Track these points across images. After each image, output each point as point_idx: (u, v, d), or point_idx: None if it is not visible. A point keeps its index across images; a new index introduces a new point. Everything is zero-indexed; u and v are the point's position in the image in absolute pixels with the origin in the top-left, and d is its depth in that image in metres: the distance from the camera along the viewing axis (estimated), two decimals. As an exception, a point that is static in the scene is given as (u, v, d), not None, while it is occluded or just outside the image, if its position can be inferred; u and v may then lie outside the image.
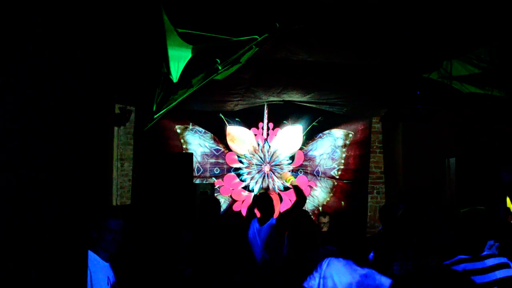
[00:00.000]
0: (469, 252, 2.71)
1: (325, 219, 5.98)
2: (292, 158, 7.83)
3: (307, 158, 7.91)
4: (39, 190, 1.69)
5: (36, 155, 1.69)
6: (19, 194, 1.64)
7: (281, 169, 7.78)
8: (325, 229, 5.89)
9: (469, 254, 2.71)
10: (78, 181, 1.79)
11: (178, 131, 7.53)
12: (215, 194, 6.92)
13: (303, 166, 7.89)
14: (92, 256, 2.66)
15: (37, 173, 1.68)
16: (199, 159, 7.51)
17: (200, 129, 7.62)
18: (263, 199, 5.11)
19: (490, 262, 2.68)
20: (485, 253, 2.74)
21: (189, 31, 3.68)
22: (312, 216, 5.39)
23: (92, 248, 2.69)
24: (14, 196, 1.63)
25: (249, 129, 7.70)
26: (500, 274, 2.64)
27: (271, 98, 7.04)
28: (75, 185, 1.78)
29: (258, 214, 5.17)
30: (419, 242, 3.50)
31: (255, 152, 7.70)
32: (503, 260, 2.73)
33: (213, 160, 7.62)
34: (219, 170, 7.63)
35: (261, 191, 7.21)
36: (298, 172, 7.85)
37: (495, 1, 3.68)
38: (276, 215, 7.57)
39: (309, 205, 7.74)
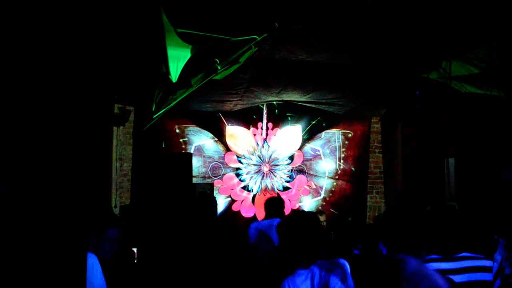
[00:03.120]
0: (444, 251, 2.58)
1: (321, 218, 5.99)
2: (291, 158, 7.83)
3: (306, 158, 7.90)
4: (38, 190, 1.68)
5: (35, 155, 1.68)
6: (18, 194, 1.64)
7: (280, 169, 7.78)
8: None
9: (444, 254, 2.58)
10: (77, 181, 1.79)
11: (177, 131, 7.52)
12: (214, 194, 6.91)
13: (302, 166, 7.88)
14: (91, 259, 2.66)
15: (36, 173, 1.68)
16: (198, 158, 7.50)
17: (200, 129, 7.61)
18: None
19: (467, 264, 2.56)
20: (464, 254, 2.61)
21: (189, 31, 3.68)
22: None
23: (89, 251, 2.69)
24: (12, 196, 1.63)
25: (248, 129, 7.70)
26: (474, 277, 2.51)
27: (271, 98, 7.04)
28: (74, 185, 1.77)
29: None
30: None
31: (255, 152, 7.69)
32: (485, 263, 2.60)
33: (212, 160, 7.61)
34: (218, 170, 7.63)
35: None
36: (297, 172, 7.85)
37: (494, 1, 3.68)
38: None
39: (309, 205, 7.74)
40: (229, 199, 7.61)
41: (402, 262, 1.61)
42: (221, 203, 7.52)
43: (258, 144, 7.71)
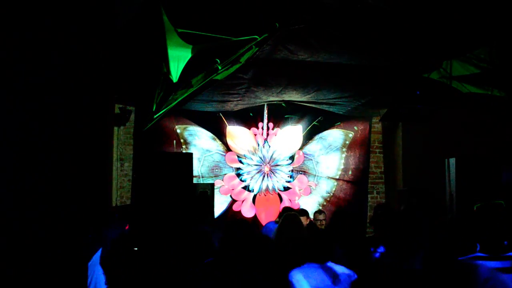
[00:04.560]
0: (488, 250, 2.54)
1: (320, 216, 5.99)
2: (292, 158, 7.83)
3: (307, 158, 7.90)
4: (38, 190, 1.69)
5: (35, 155, 1.68)
6: (18, 194, 1.64)
7: (281, 169, 7.78)
8: (321, 226, 5.88)
9: (491, 252, 2.52)
10: (77, 181, 1.79)
11: (178, 131, 7.52)
12: (215, 195, 6.91)
13: (303, 166, 7.88)
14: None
15: (36, 173, 1.68)
16: (198, 158, 7.50)
17: (200, 129, 7.61)
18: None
19: None
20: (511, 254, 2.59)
21: (189, 31, 3.69)
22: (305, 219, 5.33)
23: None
24: (13, 196, 1.63)
25: (249, 129, 7.70)
26: None
27: (271, 98, 7.04)
28: (74, 185, 1.78)
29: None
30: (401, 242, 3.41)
31: (255, 152, 7.69)
32: None
33: (212, 160, 7.61)
34: (218, 170, 7.63)
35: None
36: (298, 172, 7.85)
37: (494, 1, 3.68)
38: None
39: (309, 205, 7.74)
40: (230, 199, 7.61)
41: (475, 267, 1.61)
42: (222, 203, 7.52)
43: (258, 144, 7.71)
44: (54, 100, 1.73)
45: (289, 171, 7.81)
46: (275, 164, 7.76)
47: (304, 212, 5.64)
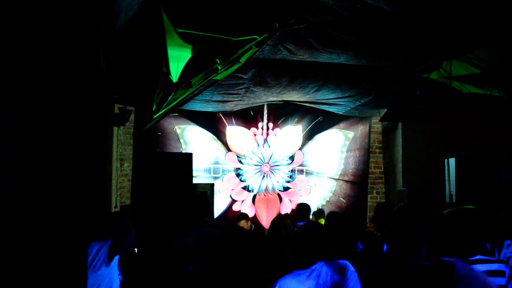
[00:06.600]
0: (457, 254, 2.53)
1: (320, 216, 6.00)
2: (291, 158, 7.83)
3: (306, 158, 7.91)
4: (38, 190, 1.68)
5: (35, 155, 1.68)
6: (17, 194, 1.64)
7: (281, 169, 7.78)
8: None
9: (457, 256, 2.49)
10: (77, 181, 1.79)
11: (178, 131, 7.52)
12: (215, 195, 6.91)
13: (303, 166, 7.88)
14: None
15: (36, 173, 1.68)
16: (198, 158, 7.49)
17: (200, 129, 7.61)
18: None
19: (481, 267, 2.47)
20: (478, 257, 2.60)
21: (189, 31, 3.68)
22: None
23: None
24: (13, 196, 1.63)
25: (249, 129, 7.70)
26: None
27: (271, 98, 7.04)
28: (74, 185, 1.78)
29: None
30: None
31: (255, 152, 7.70)
32: (498, 267, 2.55)
33: (212, 160, 7.61)
34: (218, 170, 7.63)
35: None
36: (298, 172, 7.85)
37: (495, 1, 3.68)
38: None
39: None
40: (230, 199, 7.61)
41: (451, 265, 1.60)
42: (222, 203, 7.52)
43: (258, 144, 7.72)
44: (54, 101, 1.73)
45: (289, 171, 7.81)
46: (275, 164, 7.77)
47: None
